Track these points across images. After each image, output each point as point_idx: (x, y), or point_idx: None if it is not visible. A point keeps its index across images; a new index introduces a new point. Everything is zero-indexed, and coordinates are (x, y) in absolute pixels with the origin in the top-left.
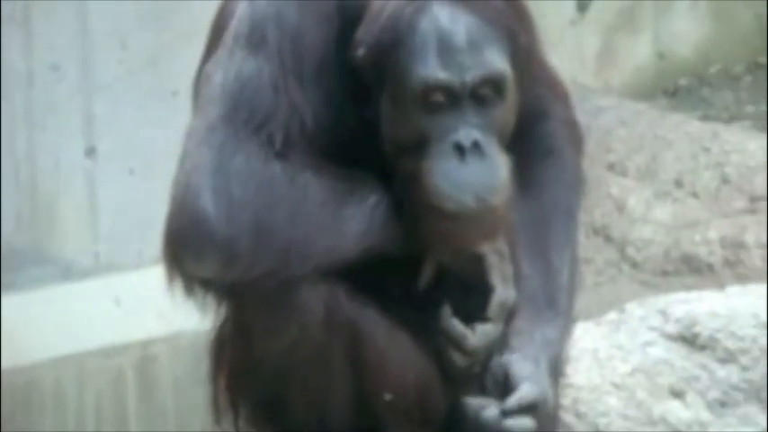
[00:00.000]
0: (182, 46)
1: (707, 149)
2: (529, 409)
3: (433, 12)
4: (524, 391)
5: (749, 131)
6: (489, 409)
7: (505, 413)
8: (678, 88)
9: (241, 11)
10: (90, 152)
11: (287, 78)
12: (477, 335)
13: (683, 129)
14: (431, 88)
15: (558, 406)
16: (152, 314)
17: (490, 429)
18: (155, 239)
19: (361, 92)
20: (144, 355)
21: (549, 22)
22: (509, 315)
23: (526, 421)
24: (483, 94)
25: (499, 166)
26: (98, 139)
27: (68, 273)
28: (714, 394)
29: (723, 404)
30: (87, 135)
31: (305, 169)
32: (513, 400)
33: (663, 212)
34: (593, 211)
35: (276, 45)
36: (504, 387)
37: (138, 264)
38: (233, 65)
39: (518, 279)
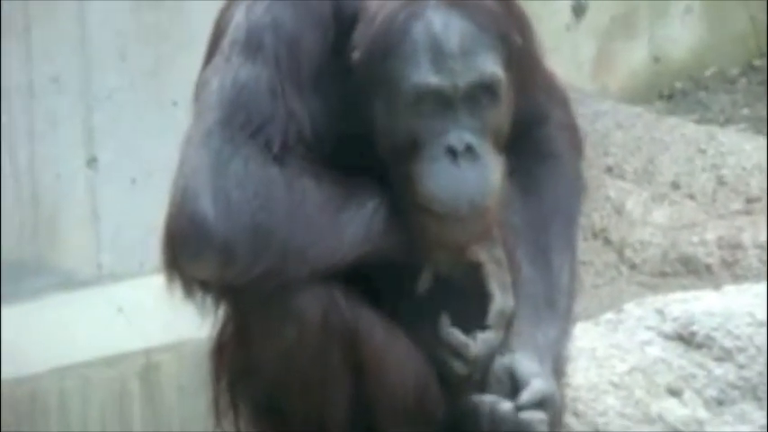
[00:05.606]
0: (181, 57)
1: (703, 152)
2: (541, 404)
3: (426, 16)
4: (536, 386)
5: (745, 133)
6: (504, 404)
7: (520, 408)
8: (674, 91)
9: (238, 17)
10: (91, 162)
11: (284, 84)
12: (478, 343)
13: (680, 131)
14: (423, 93)
15: (563, 405)
16: (155, 323)
17: (507, 423)
18: (157, 249)
19: (358, 95)
20: (147, 364)
21: (546, 27)
22: (508, 322)
23: (540, 414)
24: (476, 98)
25: (491, 168)
26: (99, 150)
27: (71, 283)
28: (711, 392)
29: (720, 402)
30: (88, 146)
31: (303, 174)
32: (526, 395)
33: (660, 214)
34: (592, 214)
35: (273, 51)
36: (512, 385)
37: (140, 273)
38: (230, 71)
39: (517, 285)
